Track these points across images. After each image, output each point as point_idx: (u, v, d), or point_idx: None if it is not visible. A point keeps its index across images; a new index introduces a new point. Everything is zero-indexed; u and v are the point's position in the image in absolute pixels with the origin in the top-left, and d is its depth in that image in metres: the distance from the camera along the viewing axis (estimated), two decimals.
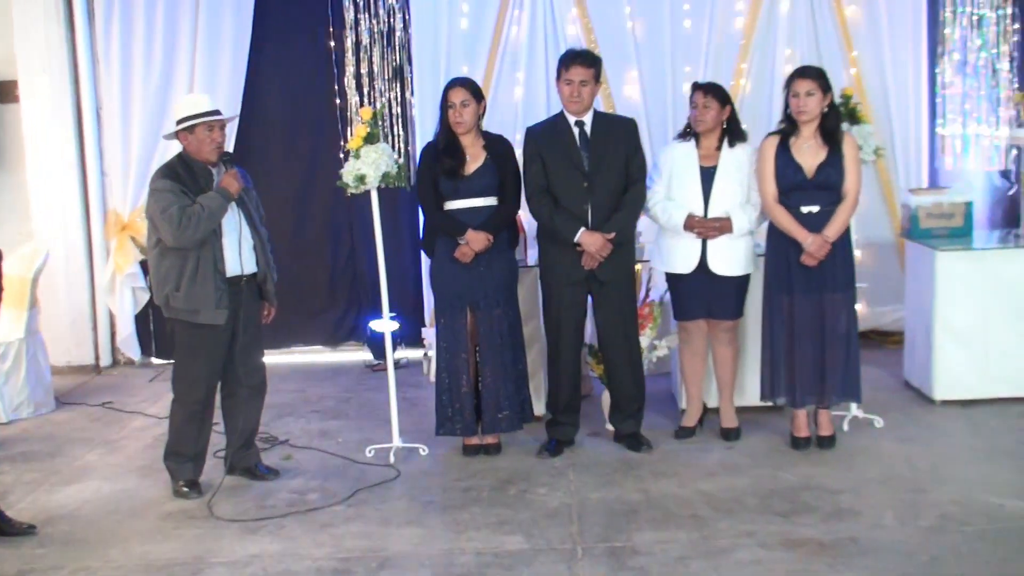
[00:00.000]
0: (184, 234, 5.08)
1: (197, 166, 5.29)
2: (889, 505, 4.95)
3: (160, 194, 5.16)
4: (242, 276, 5.33)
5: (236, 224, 5.30)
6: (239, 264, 5.31)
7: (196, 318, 5.21)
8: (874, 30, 7.83)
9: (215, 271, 5.19)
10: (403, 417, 6.11)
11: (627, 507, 5.05)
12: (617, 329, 5.78)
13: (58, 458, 6.14)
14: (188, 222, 5.07)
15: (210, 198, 5.16)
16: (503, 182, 5.68)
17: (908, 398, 6.66)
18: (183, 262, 5.17)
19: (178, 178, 5.21)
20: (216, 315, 5.21)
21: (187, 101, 5.41)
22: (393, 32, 8.01)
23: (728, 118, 5.79)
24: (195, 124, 5.23)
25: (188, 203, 5.12)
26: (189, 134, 5.26)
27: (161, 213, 5.12)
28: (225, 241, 5.25)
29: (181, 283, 5.18)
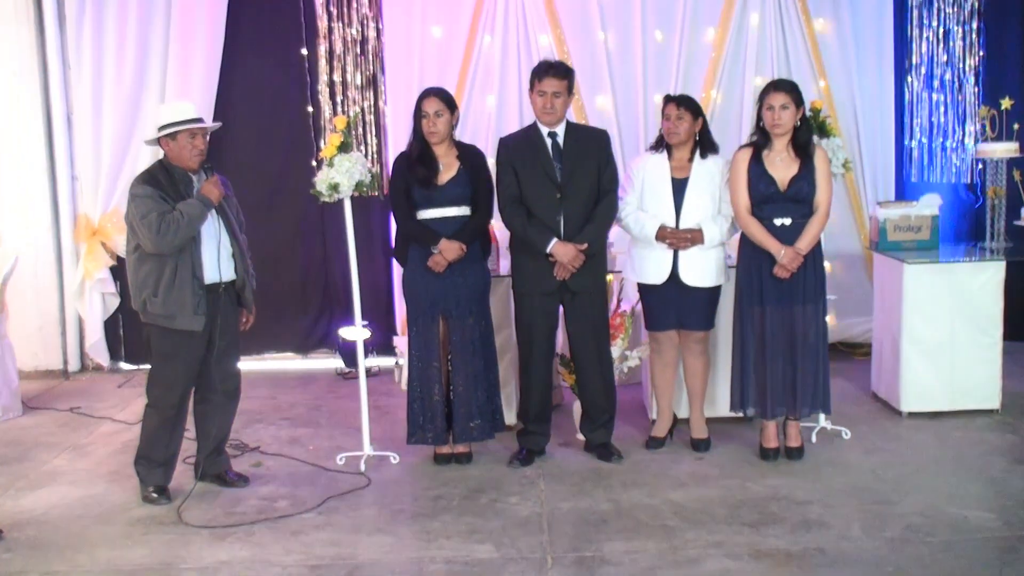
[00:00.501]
0: (163, 240, 5.07)
1: (178, 173, 5.29)
2: (856, 516, 4.99)
3: (140, 200, 5.15)
4: (220, 283, 5.32)
5: (215, 231, 5.29)
6: (217, 271, 5.30)
7: (173, 324, 5.20)
8: (842, 44, 7.92)
9: (193, 277, 5.18)
10: (374, 425, 6.11)
11: (597, 517, 5.07)
12: (588, 339, 5.80)
13: (25, 462, 6.10)
14: (167, 228, 5.06)
15: (190, 205, 5.15)
16: (476, 192, 5.69)
17: (875, 410, 6.72)
18: (161, 268, 5.17)
19: (158, 184, 5.20)
20: (193, 321, 5.20)
21: (171, 108, 5.41)
22: (366, 41, 8.03)
23: (700, 130, 5.84)
24: (178, 131, 5.22)
25: (168, 209, 5.11)
26: (171, 140, 5.25)
27: (141, 219, 5.11)
28: (204, 248, 5.24)
29: (159, 289, 5.17)
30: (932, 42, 8.05)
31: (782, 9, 7.86)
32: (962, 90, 8.08)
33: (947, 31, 8.03)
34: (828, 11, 7.91)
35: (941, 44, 8.05)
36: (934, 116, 8.14)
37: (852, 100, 7.95)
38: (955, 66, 8.06)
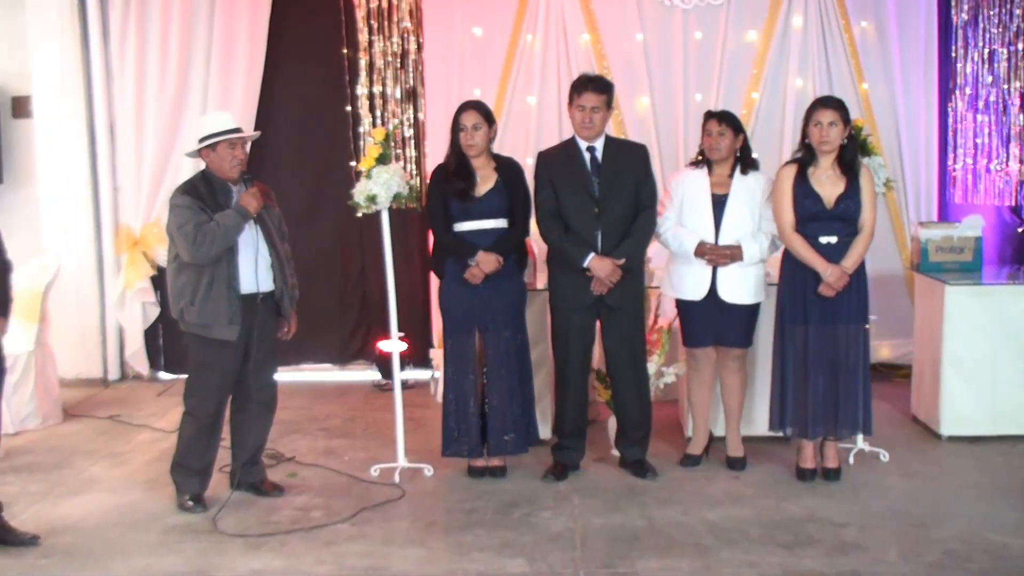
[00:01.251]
0: (199, 250, 5.11)
1: (218, 183, 5.33)
2: (893, 540, 4.93)
3: (178, 210, 5.20)
4: (258, 294, 5.34)
5: (253, 242, 5.32)
6: (255, 282, 5.32)
7: (209, 333, 5.24)
8: (886, 63, 7.87)
9: (229, 287, 5.21)
10: (409, 437, 6.11)
11: (630, 534, 5.04)
12: (625, 355, 5.78)
13: (64, 470, 6.15)
14: (203, 239, 5.10)
15: (227, 216, 5.19)
16: (513, 205, 5.69)
17: (914, 433, 6.64)
18: (198, 277, 5.20)
19: (198, 195, 5.24)
20: (228, 331, 5.23)
21: (210, 119, 5.45)
22: (407, 54, 8.07)
23: (741, 146, 5.81)
24: (217, 141, 5.27)
25: (205, 220, 5.15)
26: (211, 151, 5.30)
27: (178, 229, 5.16)
28: (241, 258, 5.27)
29: (195, 298, 5.21)
30: (977, 63, 7.98)
31: (822, 12, 7.83)
32: (1007, 112, 8.00)
33: (992, 52, 7.95)
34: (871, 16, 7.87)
35: (986, 65, 7.98)
36: (978, 137, 8.05)
37: (895, 119, 7.90)
38: (1000, 87, 7.98)
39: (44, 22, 8.01)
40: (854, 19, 7.85)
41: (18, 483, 5.87)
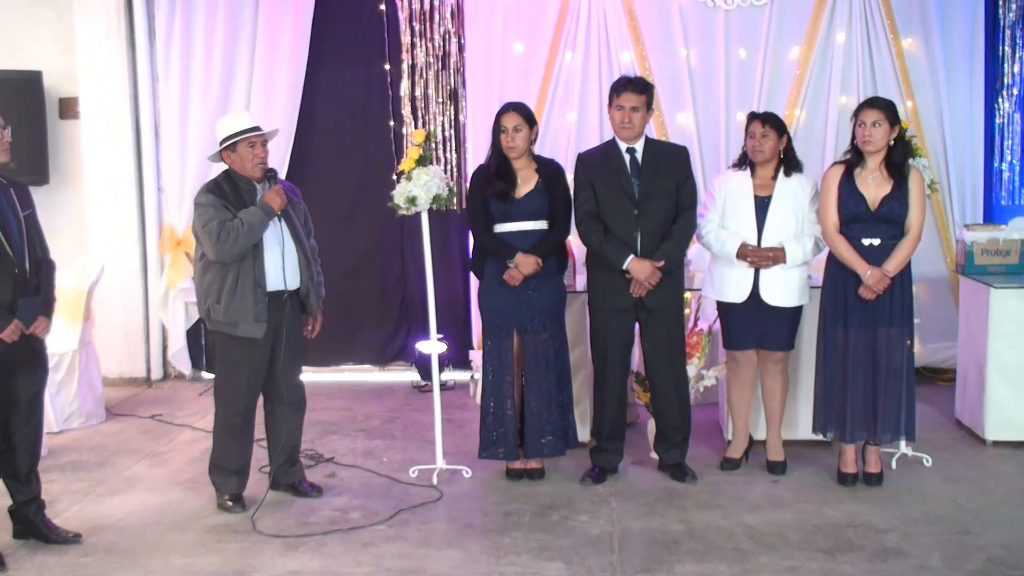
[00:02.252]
0: (223, 248, 5.14)
1: (242, 182, 5.35)
2: (935, 546, 4.87)
3: (202, 209, 5.23)
4: (284, 291, 5.36)
5: (279, 239, 5.34)
6: (282, 279, 5.33)
7: (235, 331, 5.26)
8: (931, 63, 7.77)
9: (255, 285, 5.23)
10: (448, 439, 6.12)
11: (669, 537, 5.02)
12: (664, 357, 5.76)
13: (106, 468, 6.22)
14: (227, 236, 5.13)
15: (251, 213, 5.21)
16: (554, 206, 5.68)
17: (958, 437, 6.56)
18: (224, 275, 5.23)
19: (221, 193, 5.27)
20: (254, 328, 5.25)
21: (228, 120, 5.46)
22: (448, 56, 8.08)
23: (785, 148, 5.77)
24: (236, 142, 5.29)
25: (229, 218, 5.18)
26: (232, 152, 5.32)
27: (202, 227, 5.20)
28: (267, 256, 5.29)
29: (221, 296, 5.24)
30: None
31: (869, 27, 7.75)
32: None
33: None
34: (917, 30, 7.77)
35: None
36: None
37: (940, 120, 7.80)
38: None
39: (91, 25, 8.10)
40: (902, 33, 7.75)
41: (62, 481, 5.94)
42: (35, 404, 4.94)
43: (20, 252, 4.72)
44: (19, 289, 4.70)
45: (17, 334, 4.66)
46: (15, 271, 4.69)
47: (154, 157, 8.29)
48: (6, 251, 4.65)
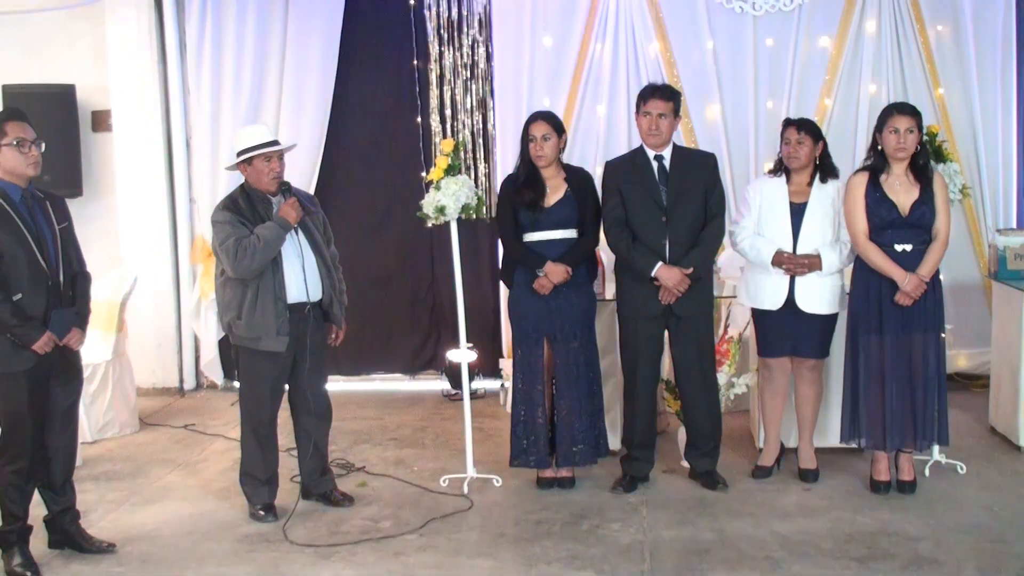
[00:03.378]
0: (240, 265, 5.17)
1: (257, 196, 5.37)
2: (970, 555, 4.83)
3: (219, 226, 5.26)
4: (307, 303, 5.38)
5: (298, 251, 5.35)
6: (304, 291, 5.35)
7: (257, 345, 5.29)
8: (962, 66, 7.72)
9: (275, 299, 5.25)
10: (478, 447, 6.12)
11: (700, 546, 5.00)
12: (694, 365, 5.74)
13: (140, 478, 6.27)
14: (243, 253, 5.15)
15: (267, 228, 5.23)
16: (583, 215, 5.68)
17: (993, 444, 6.50)
18: (244, 291, 5.26)
19: (237, 209, 5.30)
20: (277, 342, 5.27)
21: (245, 133, 5.48)
22: (476, 64, 8.11)
23: (820, 154, 5.74)
24: (252, 156, 5.32)
25: (245, 234, 5.20)
26: (248, 165, 5.35)
27: (219, 245, 5.23)
28: (287, 268, 5.30)
29: (242, 311, 5.26)
30: None
31: (896, 16, 7.72)
32: None
33: None
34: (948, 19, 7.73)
35: None
36: None
37: (972, 125, 7.73)
38: None
39: (123, 39, 8.19)
40: (929, 23, 7.71)
41: (96, 491, 5.99)
42: (70, 415, 4.98)
43: (54, 264, 4.76)
44: (52, 301, 4.74)
45: (50, 346, 4.71)
46: (49, 283, 4.73)
47: (185, 168, 8.36)
48: (40, 263, 4.69)
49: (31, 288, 4.68)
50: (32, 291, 4.69)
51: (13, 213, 4.66)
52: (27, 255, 4.66)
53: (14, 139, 4.65)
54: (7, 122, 4.70)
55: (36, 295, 4.70)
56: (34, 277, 4.69)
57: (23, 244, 4.65)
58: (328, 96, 8.09)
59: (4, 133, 4.67)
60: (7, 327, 4.61)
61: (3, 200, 4.67)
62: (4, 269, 4.63)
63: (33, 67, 8.21)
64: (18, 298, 4.64)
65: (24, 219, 4.69)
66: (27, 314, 4.65)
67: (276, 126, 7.83)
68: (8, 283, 4.63)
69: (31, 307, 4.68)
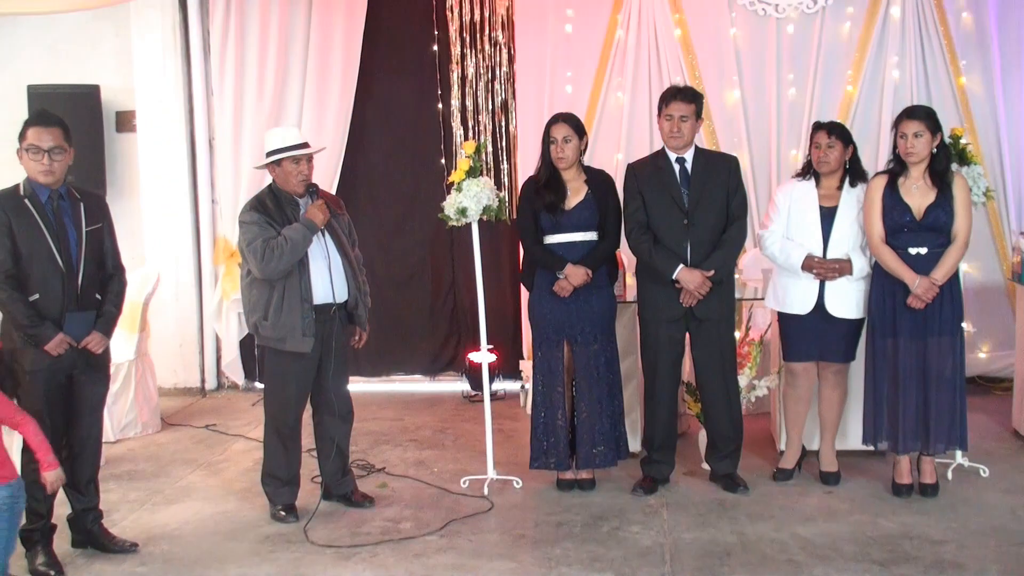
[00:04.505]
0: (268, 266, 5.18)
1: (284, 197, 5.39)
2: (994, 558, 4.80)
3: (246, 227, 5.28)
4: (332, 304, 5.39)
5: (324, 252, 5.37)
6: (330, 292, 5.37)
7: (283, 346, 5.30)
8: (987, 70, 7.68)
9: (302, 300, 5.26)
10: (498, 449, 6.13)
11: (721, 549, 4.98)
12: (715, 367, 5.73)
13: (162, 478, 6.30)
14: (271, 254, 5.16)
15: (294, 230, 5.24)
16: (603, 217, 5.68)
17: (1016, 447, 6.46)
18: (270, 292, 5.27)
19: (265, 210, 5.31)
20: (303, 343, 5.28)
21: (275, 134, 5.49)
22: (499, 67, 8.12)
23: (851, 158, 5.72)
24: (282, 158, 5.34)
25: (273, 235, 5.21)
26: (276, 167, 5.37)
27: (247, 246, 5.24)
28: (313, 269, 5.32)
29: (268, 312, 5.28)
30: None
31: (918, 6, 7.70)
32: None
33: None
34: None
35: None
36: None
37: (996, 127, 7.70)
38: None
39: (148, 40, 8.26)
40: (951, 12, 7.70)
41: (119, 491, 6.02)
42: (96, 414, 5.01)
43: (75, 267, 4.78)
44: (69, 302, 4.76)
45: (63, 347, 4.72)
46: (66, 284, 4.75)
47: (208, 169, 8.42)
48: (59, 264, 4.71)
49: (48, 289, 4.71)
50: (49, 292, 4.72)
51: (37, 214, 4.70)
52: (46, 256, 4.69)
53: (28, 145, 4.70)
54: (29, 126, 4.74)
55: (52, 296, 4.72)
56: (52, 278, 4.71)
57: (43, 245, 4.69)
58: (350, 98, 8.13)
59: (24, 137, 4.71)
60: (20, 327, 4.65)
61: (29, 200, 4.71)
62: (23, 269, 4.66)
63: (58, 68, 8.30)
64: (35, 298, 4.67)
65: (48, 220, 4.72)
66: (42, 315, 4.68)
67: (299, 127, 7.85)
68: (27, 283, 4.67)
69: (47, 308, 4.70)
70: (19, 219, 4.66)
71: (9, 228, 4.64)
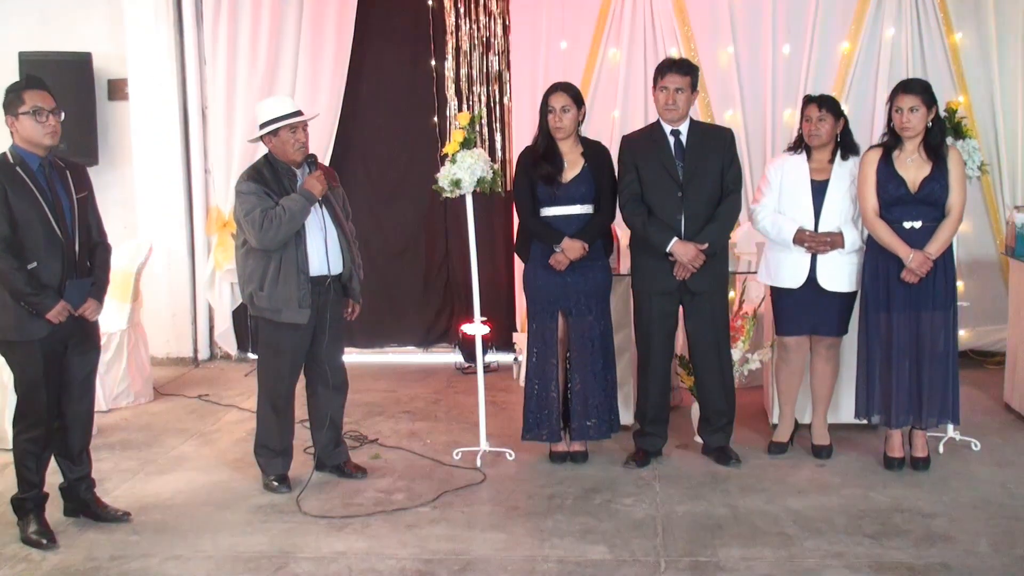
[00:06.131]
0: (266, 236, 5.16)
1: (282, 167, 5.36)
2: (984, 531, 4.82)
3: (244, 197, 5.25)
4: (328, 276, 5.38)
5: (320, 224, 5.35)
6: (325, 264, 5.35)
7: (279, 317, 5.29)
8: (983, 44, 7.65)
9: (298, 271, 5.24)
10: (491, 421, 6.13)
11: (713, 522, 5.00)
12: (708, 341, 5.72)
13: (154, 448, 6.30)
14: (270, 224, 5.14)
15: (292, 200, 5.22)
16: (600, 189, 5.66)
17: (1008, 421, 6.48)
18: (267, 262, 5.25)
19: (262, 180, 5.28)
20: (299, 314, 5.27)
21: (269, 104, 5.45)
22: (493, 37, 8.07)
23: (841, 131, 5.70)
24: (278, 127, 5.30)
25: (271, 205, 5.19)
26: (273, 137, 5.33)
27: (245, 216, 5.21)
28: (310, 241, 5.30)
29: (264, 283, 5.26)
30: None
31: (921, 21, 7.64)
32: None
33: None
34: (970, 23, 7.67)
35: None
36: None
37: (991, 101, 7.69)
38: None
39: (140, 7, 8.19)
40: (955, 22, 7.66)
41: (111, 460, 6.02)
42: (88, 384, 5.00)
43: (70, 234, 4.76)
44: (68, 270, 4.75)
45: (64, 315, 4.71)
46: (64, 252, 4.73)
47: (201, 139, 8.38)
48: (56, 232, 4.69)
49: (46, 257, 4.69)
50: (47, 260, 4.69)
51: (30, 182, 4.67)
52: (43, 224, 4.67)
53: (31, 108, 4.65)
54: (25, 90, 4.70)
55: (51, 264, 4.70)
56: (50, 246, 4.69)
57: (39, 212, 4.66)
58: (344, 67, 8.08)
59: (22, 101, 4.66)
60: (21, 295, 4.62)
61: (21, 168, 4.67)
62: (20, 237, 4.64)
63: (50, 35, 8.22)
64: (33, 267, 4.65)
65: (41, 188, 4.69)
66: (42, 282, 4.66)
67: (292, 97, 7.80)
68: (24, 251, 4.65)
69: (46, 276, 4.68)
70: (14, 187, 4.63)
71: (5, 196, 4.61)
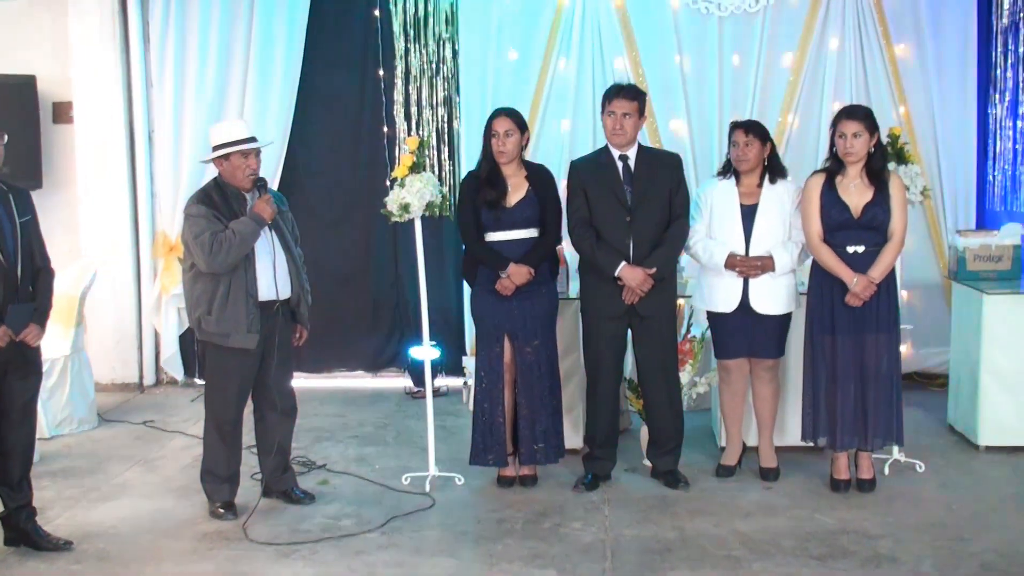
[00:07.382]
0: (215, 260, 5.12)
1: (231, 191, 5.33)
2: (929, 552, 4.87)
3: (193, 220, 5.21)
4: (276, 301, 5.35)
5: (269, 248, 5.32)
6: (274, 288, 5.32)
7: (227, 342, 5.25)
8: (924, 69, 7.80)
9: (247, 295, 5.21)
10: (440, 445, 6.11)
11: (662, 545, 5.01)
12: (656, 364, 5.75)
13: (98, 475, 6.20)
14: (219, 248, 5.10)
15: (242, 224, 5.19)
16: (544, 212, 5.68)
17: (951, 443, 6.56)
18: (215, 286, 5.21)
19: (212, 203, 5.25)
20: (247, 339, 5.23)
21: (222, 128, 5.43)
22: (442, 62, 8.08)
23: (769, 155, 5.77)
24: (230, 152, 5.27)
25: (220, 228, 5.15)
26: (224, 160, 5.30)
27: (194, 239, 5.17)
28: (259, 265, 5.27)
29: (212, 307, 5.22)
30: (1018, 68, 7.85)
31: (862, 33, 7.77)
32: None
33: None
34: (910, 36, 7.80)
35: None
36: (1018, 144, 7.93)
37: (933, 126, 7.82)
38: None
39: (86, 29, 8.09)
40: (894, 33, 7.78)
41: (53, 488, 5.92)
42: (28, 410, 4.93)
43: (13, 259, 4.71)
44: (10, 295, 4.69)
45: (5, 340, 4.65)
46: (6, 277, 4.67)
47: (147, 162, 8.28)
48: None
49: None
50: None
51: None
52: None
53: None
54: None
55: None
56: None
57: None
58: (293, 91, 8.04)
59: None
60: None
61: None
62: None
63: None
64: None
65: None
66: None
67: None
68: None
69: None
70: None
71: None
